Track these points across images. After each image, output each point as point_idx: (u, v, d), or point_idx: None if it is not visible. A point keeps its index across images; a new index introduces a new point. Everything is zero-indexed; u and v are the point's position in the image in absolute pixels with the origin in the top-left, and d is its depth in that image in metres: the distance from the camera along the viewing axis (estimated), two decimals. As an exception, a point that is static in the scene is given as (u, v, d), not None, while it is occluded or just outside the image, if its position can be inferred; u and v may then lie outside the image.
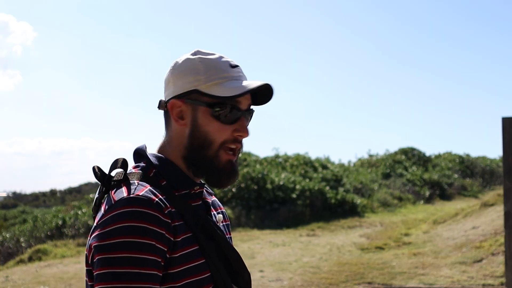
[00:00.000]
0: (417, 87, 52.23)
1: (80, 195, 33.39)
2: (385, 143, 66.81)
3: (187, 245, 1.17)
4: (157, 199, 1.14)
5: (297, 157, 18.86)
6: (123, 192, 1.15)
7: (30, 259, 10.64)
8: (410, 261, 8.40)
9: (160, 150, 1.30)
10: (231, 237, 1.42)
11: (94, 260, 1.12)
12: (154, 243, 1.10)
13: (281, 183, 15.20)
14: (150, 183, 1.20)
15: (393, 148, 30.12)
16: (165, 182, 1.23)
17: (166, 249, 1.13)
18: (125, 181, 1.19)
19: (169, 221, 1.14)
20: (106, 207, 1.15)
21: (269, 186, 14.95)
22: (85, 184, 43.68)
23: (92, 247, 1.13)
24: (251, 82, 1.24)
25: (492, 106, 46.48)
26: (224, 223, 1.39)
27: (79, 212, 14.69)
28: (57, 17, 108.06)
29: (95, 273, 1.11)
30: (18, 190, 49.81)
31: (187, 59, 1.27)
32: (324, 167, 18.86)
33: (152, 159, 1.26)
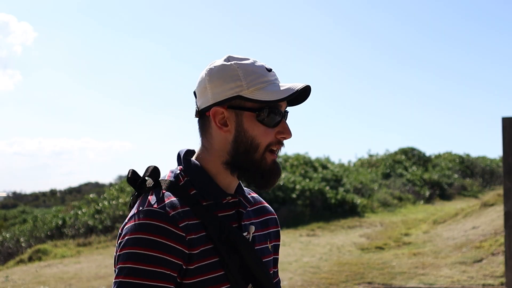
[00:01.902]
0: (417, 87, 52.26)
1: (80, 195, 33.40)
2: (385, 143, 66.85)
3: (205, 257, 1.20)
4: (173, 213, 1.18)
5: (297, 157, 18.86)
6: (145, 203, 1.20)
7: (30, 259, 10.64)
8: (410, 261, 8.40)
9: (198, 156, 1.31)
10: (274, 245, 1.44)
11: (115, 268, 1.20)
12: (163, 256, 1.15)
13: (281, 183, 15.20)
14: (178, 193, 1.23)
15: (393, 148, 30.14)
16: (194, 191, 1.26)
17: (179, 262, 1.17)
18: (154, 188, 1.24)
19: (183, 234, 1.17)
20: (130, 215, 1.22)
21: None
22: (85, 184, 43.74)
23: (116, 251, 1.22)
24: (291, 84, 1.26)
25: (492, 106, 46.49)
26: (264, 232, 1.39)
27: (79, 212, 14.69)
28: (57, 17, 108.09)
29: (114, 280, 1.19)
30: (18, 190, 49.88)
31: (223, 66, 1.27)
32: (324, 167, 18.86)
33: (187, 165, 1.29)
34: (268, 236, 1.41)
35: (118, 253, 1.18)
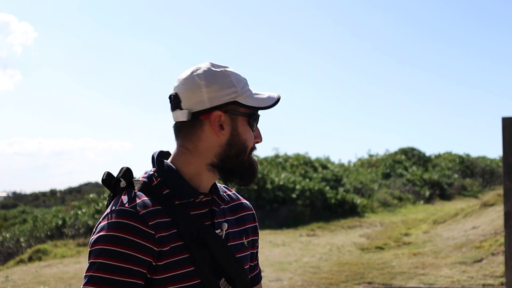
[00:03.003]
0: (417, 87, 52.25)
1: (80, 195, 33.40)
2: (385, 143, 66.87)
3: (175, 253, 1.26)
4: (144, 211, 1.24)
5: (297, 157, 18.86)
6: (118, 203, 1.26)
7: (30, 259, 10.64)
8: (410, 261, 8.40)
9: (175, 158, 1.35)
10: (251, 240, 1.47)
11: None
12: (132, 253, 1.21)
13: (281, 183, 15.20)
14: (149, 193, 1.29)
15: (393, 148, 30.11)
16: (167, 191, 1.31)
17: (147, 258, 1.23)
18: (127, 188, 1.30)
19: (153, 232, 1.23)
20: (104, 214, 1.28)
21: (269, 186, 14.95)
22: (85, 184, 43.72)
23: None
24: (269, 93, 1.38)
25: (492, 106, 46.47)
26: (239, 228, 1.44)
27: (79, 212, 14.69)
28: (57, 17, 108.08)
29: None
30: (18, 190, 49.84)
31: (216, 71, 1.33)
32: (324, 167, 18.86)
33: (161, 167, 1.34)
34: (245, 232, 1.45)
35: (90, 249, 1.24)
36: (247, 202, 1.52)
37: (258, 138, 1.38)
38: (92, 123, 75.63)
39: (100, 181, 1.38)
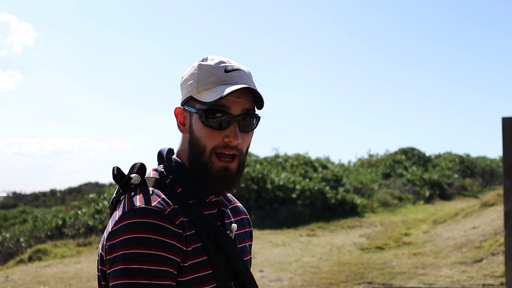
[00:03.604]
0: (417, 87, 52.22)
1: (80, 195, 33.40)
2: (385, 143, 66.80)
3: (196, 255, 1.19)
4: (169, 209, 1.17)
5: (297, 157, 18.86)
6: (137, 200, 1.17)
7: (30, 259, 10.64)
8: (410, 261, 8.40)
9: (178, 154, 1.32)
10: (249, 245, 1.43)
11: (111, 269, 1.15)
12: (165, 254, 1.13)
13: (281, 183, 15.20)
14: (165, 191, 1.22)
15: (393, 148, 30.15)
16: (180, 189, 1.25)
17: (178, 259, 1.16)
18: (141, 186, 1.22)
19: (181, 231, 1.17)
20: (121, 213, 1.18)
21: (269, 186, 14.95)
22: (85, 184, 43.74)
23: (107, 253, 1.17)
24: (235, 86, 1.21)
25: (492, 106, 46.47)
26: (242, 231, 1.40)
27: (79, 212, 14.69)
28: (57, 17, 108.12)
29: (112, 283, 1.14)
30: (18, 190, 49.91)
31: (192, 67, 1.29)
32: (324, 167, 18.86)
33: (170, 163, 1.29)
34: (245, 235, 1.42)
35: (114, 255, 1.13)
36: (242, 206, 1.47)
37: (228, 137, 1.22)
38: (92, 123, 75.64)
39: (100, 181, 1.35)
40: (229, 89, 1.19)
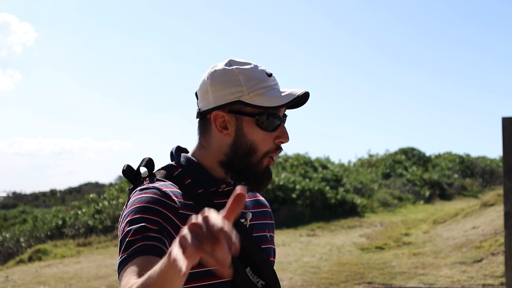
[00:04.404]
0: (417, 87, 52.21)
1: (80, 195, 33.40)
2: (385, 143, 66.81)
3: None
4: (167, 190, 1.24)
5: (297, 157, 18.86)
6: (139, 187, 1.27)
7: (30, 259, 10.64)
8: (410, 261, 8.40)
9: (194, 152, 1.37)
10: (270, 235, 1.45)
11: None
12: (158, 219, 1.18)
13: (281, 183, 15.21)
14: (172, 181, 1.30)
15: (393, 148, 30.15)
16: (189, 181, 1.32)
17: (169, 228, 1.19)
18: (149, 177, 1.31)
19: (176, 206, 1.22)
20: (129, 198, 1.27)
21: (269, 186, 14.95)
22: (85, 184, 43.77)
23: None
24: (291, 90, 1.31)
25: (492, 106, 46.43)
26: (262, 221, 1.43)
27: (79, 212, 14.69)
28: (57, 17, 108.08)
29: None
30: (18, 190, 49.95)
31: (225, 70, 1.31)
32: (324, 167, 18.86)
33: (181, 160, 1.35)
34: (266, 226, 1.45)
35: (121, 225, 1.21)
36: (264, 200, 1.52)
37: (281, 138, 1.32)
38: (92, 123, 75.66)
39: (100, 181, 1.37)
40: (294, 94, 1.29)
